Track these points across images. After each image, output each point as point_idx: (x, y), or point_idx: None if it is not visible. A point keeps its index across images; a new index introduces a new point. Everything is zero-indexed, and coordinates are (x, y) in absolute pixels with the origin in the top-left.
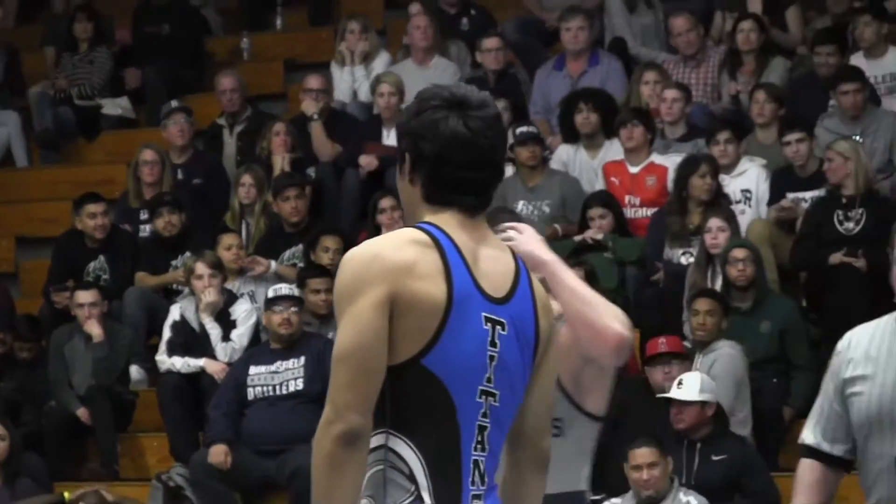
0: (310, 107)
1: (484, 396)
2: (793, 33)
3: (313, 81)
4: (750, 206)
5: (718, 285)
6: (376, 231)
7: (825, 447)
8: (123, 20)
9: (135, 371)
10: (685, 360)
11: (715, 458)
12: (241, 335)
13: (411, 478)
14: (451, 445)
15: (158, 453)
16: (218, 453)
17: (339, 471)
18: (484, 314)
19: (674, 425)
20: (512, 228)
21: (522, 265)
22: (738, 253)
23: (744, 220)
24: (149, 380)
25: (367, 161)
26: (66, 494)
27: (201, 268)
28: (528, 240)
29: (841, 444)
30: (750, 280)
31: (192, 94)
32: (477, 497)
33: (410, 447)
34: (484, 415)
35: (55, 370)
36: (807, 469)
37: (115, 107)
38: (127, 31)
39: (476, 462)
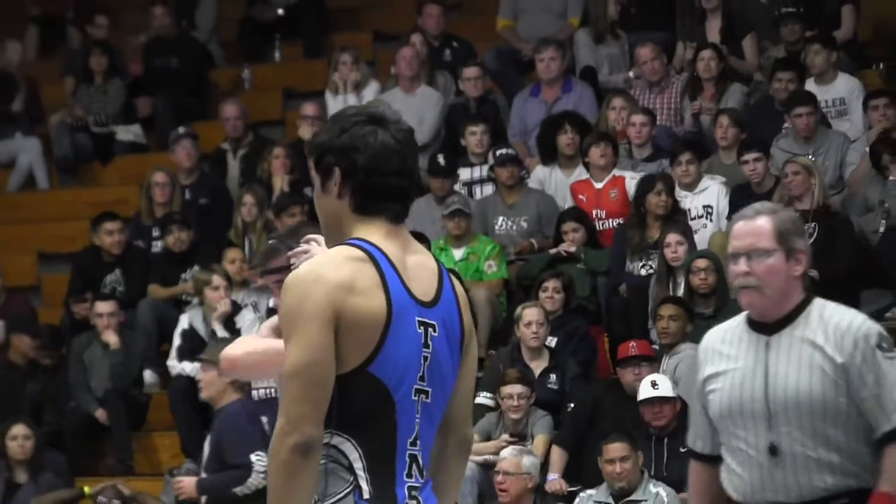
0: (306, 132)
1: (418, 395)
2: (749, 61)
3: (309, 108)
4: (711, 220)
5: (680, 294)
6: None
7: (699, 447)
8: (135, 54)
9: (148, 375)
10: (654, 362)
11: (682, 450)
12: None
13: (350, 470)
14: (389, 442)
15: (170, 450)
16: None
17: (295, 478)
18: (417, 318)
19: (651, 423)
20: (312, 240)
21: (442, 266)
22: (701, 263)
23: (705, 233)
24: (161, 383)
25: None
26: (87, 488)
27: (217, 280)
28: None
29: (706, 441)
30: (712, 288)
31: (198, 121)
32: (414, 489)
33: (352, 444)
34: (419, 411)
35: (75, 374)
36: (693, 473)
37: (127, 133)
38: (138, 64)
39: (413, 456)
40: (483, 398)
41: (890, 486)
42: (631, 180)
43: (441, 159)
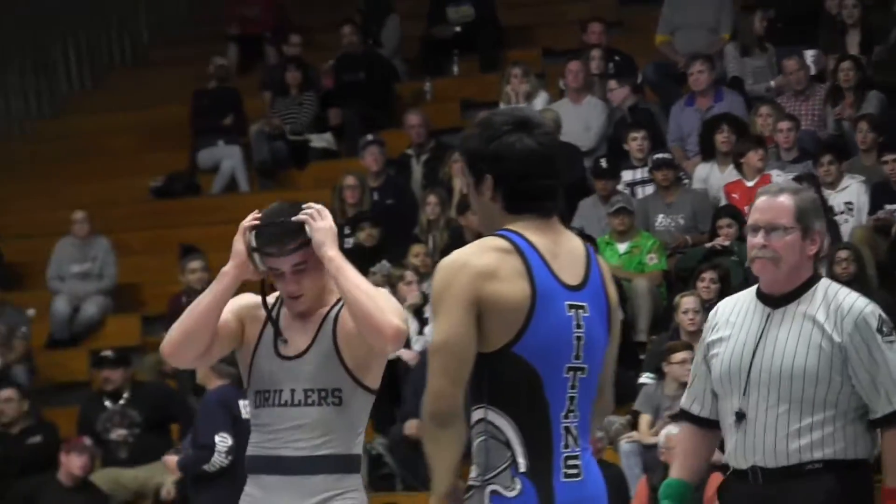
0: None
1: (571, 372)
2: None
3: None
4: (852, 215)
5: None
6: None
7: (694, 409)
8: (326, 70)
9: None
10: None
11: None
12: (431, 330)
13: (508, 445)
14: (542, 416)
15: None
16: (413, 427)
17: (436, 445)
18: (567, 303)
19: None
20: (310, 209)
21: (590, 248)
22: (842, 254)
23: (847, 227)
24: None
25: None
26: None
27: (409, 275)
28: (322, 231)
29: (705, 405)
30: (852, 276)
31: (384, 130)
32: (572, 457)
33: (506, 419)
34: (573, 387)
35: None
36: (681, 434)
37: (320, 141)
38: (330, 78)
39: (567, 428)
40: (646, 378)
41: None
42: (777, 177)
43: (604, 162)
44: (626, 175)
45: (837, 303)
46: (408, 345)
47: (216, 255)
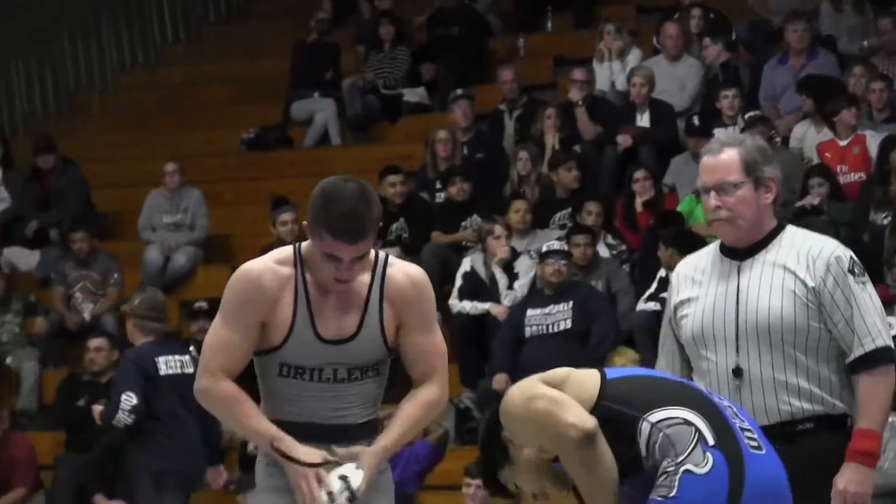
0: (575, 95)
1: None
2: None
3: (578, 74)
4: None
5: None
6: (630, 198)
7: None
8: (420, 24)
9: None
10: (891, 304)
11: None
12: (522, 285)
13: (687, 422)
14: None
15: (451, 380)
16: (500, 381)
17: (593, 467)
18: None
19: None
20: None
21: None
22: None
23: None
24: (442, 320)
25: (623, 140)
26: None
27: (499, 230)
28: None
29: (679, 369)
30: None
31: (477, 85)
32: (745, 430)
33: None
34: None
35: None
36: None
37: (413, 95)
38: (423, 32)
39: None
40: None
41: (868, 421)
42: (871, 139)
43: (696, 120)
44: (719, 133)
45: (807, 247)
46: (497, 299)
47: (307, 206)
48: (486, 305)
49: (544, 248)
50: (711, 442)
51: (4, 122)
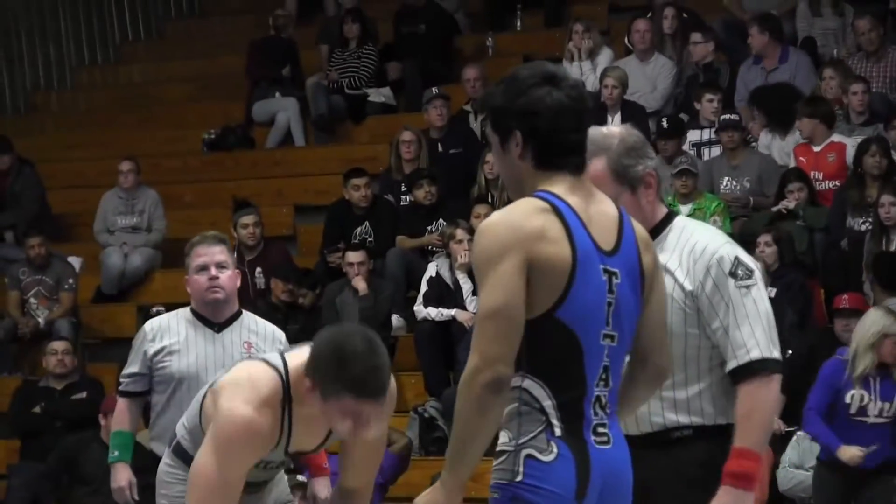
0: None
1: (606, 339)
2: None
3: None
4: None
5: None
6: None
7: None
8: (386, 21)
9: (395, 319)
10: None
11: None
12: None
13: (542, 411)
14: (579, 384)
15: (415, 389)
16: None
17: (485, 413)
18: (601, 266)
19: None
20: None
21: (622, 210)
22: None
23: None
24: (407, 327)
25: None
26: None
27: (461, 233)
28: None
29: None
30: None
31: (444, 85)
32: (600, 425)
33: (542, 387)
34: (607, 355)
35: (328, 318)
36: None
37: (378, 95)
38: (389, 30)
39: (598, 397)
40: None
41: (744, 440)
42: (851, 148)
43: (665, 122)
44: (693, 135)
45: (690, 246)
46: (463, 305)
47: (269, 209)
48: (452, 312)
49: None
50: (559, 433)
51: None
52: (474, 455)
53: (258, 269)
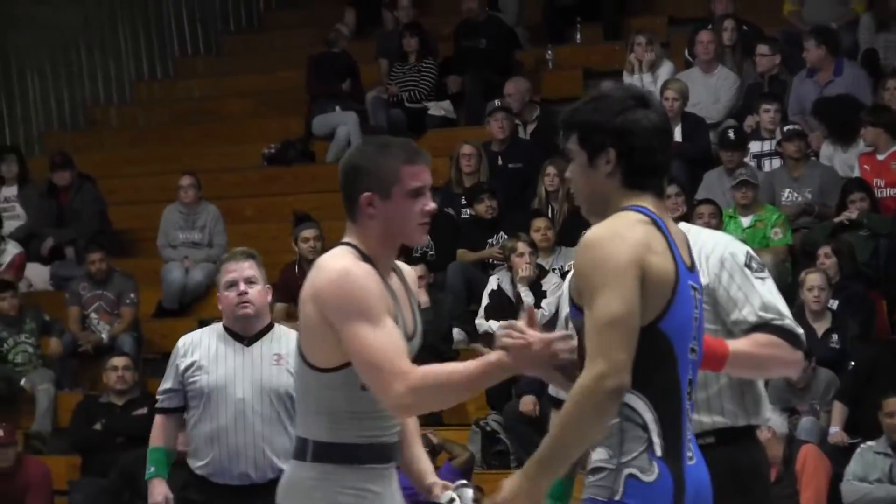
0: None
1: (692, 353)
2: None
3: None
4: None
5: None
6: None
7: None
8: (446, 35)
9: (456, 332)
10: None
11: None
12: (549, 303)
13: (644, 428)
14: (676, 397)
15: (477, 402)
16: (528, 403)
17: (600, 420)
18: (689, 283)
19: None
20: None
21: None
22: None
23: None
24: (468, 340)
25: None
26: None
27: (522, 247)
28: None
29: None
30: None
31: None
32: (690, 441)
33: (644, 402)
34: (691, 369)
35: None
36: None
37: (438, 109)
38: (449, 44)
39: (686, 410)
40: None
41: (734, 345)
42: None
43: (731, 133)
44: (754, 146)
45: (699, 245)
46: None
47: (329, 223)
48: None
49: (567, 267)
50: (659, 453)
51: (20, 137)
52: (571, 460)
53: None
